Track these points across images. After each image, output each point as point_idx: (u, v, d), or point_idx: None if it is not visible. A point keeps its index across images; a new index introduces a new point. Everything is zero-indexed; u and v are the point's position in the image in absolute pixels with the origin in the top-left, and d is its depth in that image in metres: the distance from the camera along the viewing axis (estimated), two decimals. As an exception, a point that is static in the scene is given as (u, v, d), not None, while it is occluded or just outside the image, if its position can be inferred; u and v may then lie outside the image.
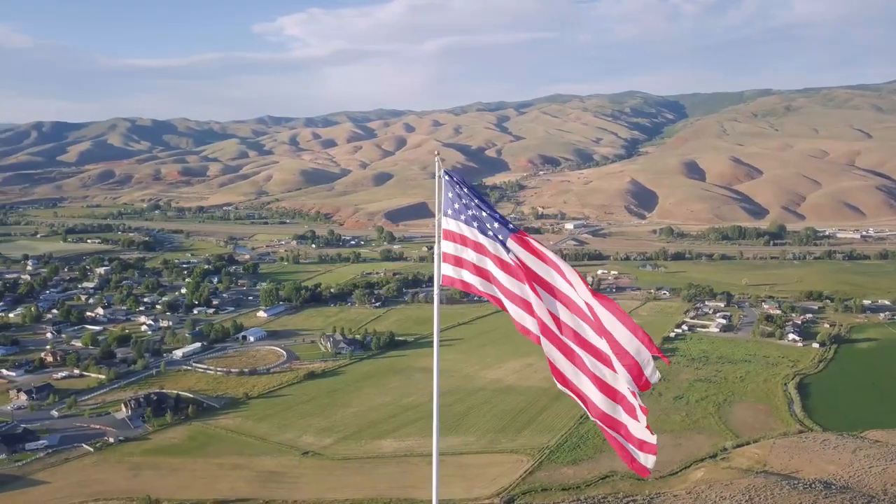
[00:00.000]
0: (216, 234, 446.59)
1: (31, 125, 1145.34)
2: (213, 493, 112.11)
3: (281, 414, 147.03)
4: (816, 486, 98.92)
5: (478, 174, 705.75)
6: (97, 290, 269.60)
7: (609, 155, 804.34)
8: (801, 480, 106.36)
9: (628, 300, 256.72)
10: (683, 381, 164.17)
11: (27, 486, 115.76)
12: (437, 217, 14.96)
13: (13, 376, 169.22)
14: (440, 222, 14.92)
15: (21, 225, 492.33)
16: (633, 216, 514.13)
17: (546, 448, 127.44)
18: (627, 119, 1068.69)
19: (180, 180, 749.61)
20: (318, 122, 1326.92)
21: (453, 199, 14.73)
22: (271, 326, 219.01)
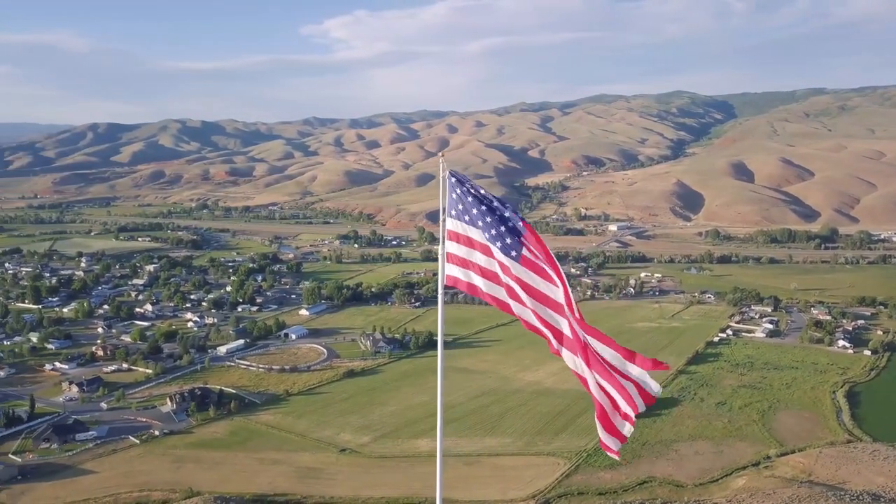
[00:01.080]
0: (261, 233, 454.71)
1: (87, 126, 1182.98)
2: (252, 487, 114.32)
3: (320, 411, 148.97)
4: (864, 499, 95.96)
5: (520, 175, 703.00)
6: (146, 287, 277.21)
7: (654, 156, 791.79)
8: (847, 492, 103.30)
9: (671, 303, 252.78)
10: (727, 387, 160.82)
11: (76, 476, 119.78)
12: (441, 218, 15.11)
13: (66, 369, 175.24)
14: (444, 223, 15.07)
15: (76, 223, 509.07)
16: (679, 218, 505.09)
17: (583, 451, 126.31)
18: (674, 119, 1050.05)
19: (228, 180, 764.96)
20: (362, 123, 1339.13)
21: (457, 200, 14.85)
22: (313, 324, 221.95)
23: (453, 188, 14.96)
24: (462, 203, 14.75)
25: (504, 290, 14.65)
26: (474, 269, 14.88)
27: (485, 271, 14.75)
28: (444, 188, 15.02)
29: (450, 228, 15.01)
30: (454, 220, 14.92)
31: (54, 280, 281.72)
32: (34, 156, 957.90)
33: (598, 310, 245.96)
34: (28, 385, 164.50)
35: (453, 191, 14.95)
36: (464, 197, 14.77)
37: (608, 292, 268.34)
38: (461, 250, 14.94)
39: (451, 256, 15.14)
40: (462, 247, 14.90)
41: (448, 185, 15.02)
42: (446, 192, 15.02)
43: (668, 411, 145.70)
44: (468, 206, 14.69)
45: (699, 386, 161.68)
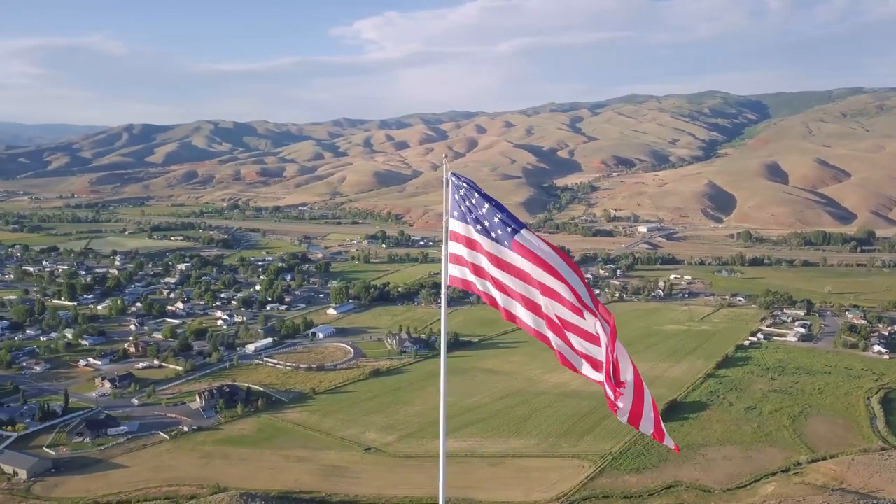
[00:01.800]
0: (291, 233, 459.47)
1: (122, 127, 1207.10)
2: (278, 484, 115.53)
3: (346, 410, 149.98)
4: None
5: (549, 175, 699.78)
6: (178, 286, 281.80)
7: (686, 156, 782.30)
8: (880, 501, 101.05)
9: (701, 306, 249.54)
10: (757, 392, 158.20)
11: (108, 470, 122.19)
12: (444, 218, 15.18)
13: (99, 365, 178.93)
14: (447, 224, 15.14)
15: (111, 222, 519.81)
16: (710, 220, 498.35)
17: (609, 455, 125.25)
18: (706, 120, 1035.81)
19: (258, 181, 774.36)
20: (391, 123, 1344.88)
21: (460, 201, 14.89)
22: (340, 324, 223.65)
23: (456, 189, 15.02)
24: (464, 204, 14.80)
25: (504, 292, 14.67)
26: (476, 269, 14.92)
27: (485, 272, 14.79)
28: (447, 189, 15.09)
29: (452, 229, 15.06)
30: (457, 220, 14.96)
31: (89, 278, 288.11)
32: (72, 156, 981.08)
33: (627, 312, 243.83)
34: (63, 380, 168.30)
35: (456, 192, 15.01)
36: (466, 198, 14.82)
37: (637, 294, 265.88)
38: (463, 251, 14.99)
39: (453, 257, 15.20)
40: (464, 248, 14.94)
41: (451, 186, 15.08)
42: (449, 193, 15.08)
43: (696, 415, 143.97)
44: (470, 207, 14.73)
45: (728, 390, 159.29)
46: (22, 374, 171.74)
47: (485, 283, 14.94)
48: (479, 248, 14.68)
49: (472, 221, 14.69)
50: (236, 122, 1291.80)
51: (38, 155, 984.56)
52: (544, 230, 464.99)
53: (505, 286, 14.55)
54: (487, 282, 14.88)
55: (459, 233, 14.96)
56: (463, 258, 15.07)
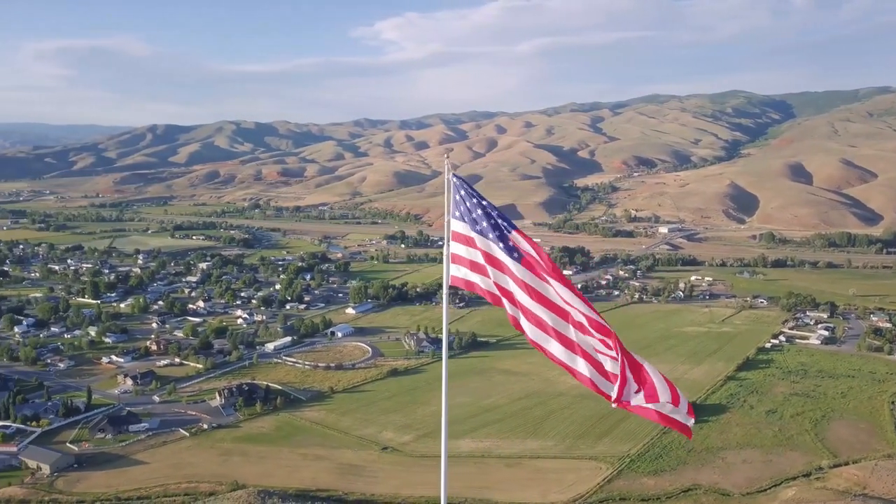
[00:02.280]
0: (311, 232, 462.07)
1: (146, 128, 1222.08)
2: (295, 482, 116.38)
3: (363, 409, 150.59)
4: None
5: (569, 175, 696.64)
6: (199, 284, 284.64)
7: (708, 157, 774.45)
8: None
9: (721, 307, 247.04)
10: (778, 395, 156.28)
11: (129, 466, 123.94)
12: (446, 219, 15.26)
13: (121, 362, 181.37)
14: (449, 224, 15.22)
15: (135, 221, 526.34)
16: (732, 220, 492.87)
17: (626, 457, 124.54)
18: (729, 119, 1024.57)
19: (279, 180, 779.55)
20: (411, 124, 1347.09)
21: (460, 202, 14.99)
22: (359, 323, 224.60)
23: (457, 190, 15.10)
24: (465, 205, 14.88)
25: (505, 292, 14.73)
26: (477, 269, 15.00)
27: (486, 272, 14.85)
28: (448, 190, 15.17)
29: (454, 230, 15.16)
30: (458, 221, 15.06)
31: (113, 276, 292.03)
32: (97, 156, 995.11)
33: (646, 313, 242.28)
34: (86, 377, 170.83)
35: (457, 192, 15.09)
36: (467, 199, 14.90)
37: (657, 295, 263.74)
38: (465, 251, 15.08)
39: (455, 257, 15.28)
40: (465, 248, 15.03)
41: (452, 186, 15.16)
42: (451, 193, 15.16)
43: (716, 418, 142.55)
44: (471, 207, 14.81)
45: (749, 393, 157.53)
46: (46, 371, 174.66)
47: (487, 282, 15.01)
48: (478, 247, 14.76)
49: (471, 222, 14.77)
50: (258, 123, 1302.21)
51: (64, 155, 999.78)
52: (564, 230, 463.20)
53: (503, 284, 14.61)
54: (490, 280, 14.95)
55: (460, 233, 15.06)
56: (464, 258, 15.16)
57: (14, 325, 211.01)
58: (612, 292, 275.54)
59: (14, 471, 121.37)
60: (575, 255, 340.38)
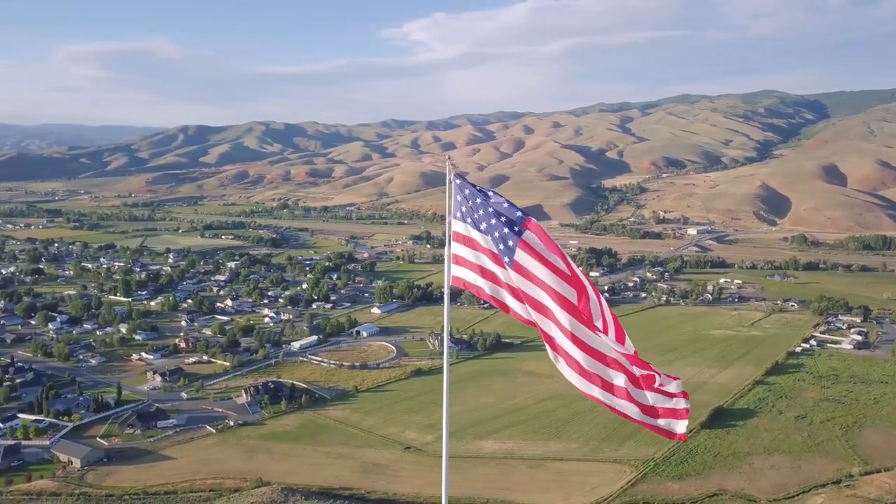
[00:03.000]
0: (338, 232, 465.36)
1: (178, 129, 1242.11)
2: (319, 479, 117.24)
3: (387, 408, 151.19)
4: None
5: (597, 176, 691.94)
6: (227, 283, 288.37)
7: (739, 157, 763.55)
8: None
9: (751, 311, 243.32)
10: (808, 400, 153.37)
11: (157, 461, 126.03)
12: (447, 219, 15.34)
13: (151, 359, 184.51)
14: (450, 225, 15.29)
15: (166, 221, 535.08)
16: (763, 222, 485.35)
17: (651, 460, 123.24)
18: (761, 120, 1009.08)
19: (307, 181, 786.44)
20: (438, 125, 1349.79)
21: (461, 202, 15.05)
22: (383, 323, 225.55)
23: (459, 190, 15.17)
24: (466, 205, 14.95)
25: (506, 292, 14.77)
26: (477, 270, 15.05)
27: (487, 273, 14.90)
28: (450, 190, 15.24)
29: (455, 230, 15.22)
30: (459, 221, 15.12)
31: (144, 275, 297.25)
32: (130, 157, 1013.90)
33: (673, 315, 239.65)
34: (116, 373, 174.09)
35: (459, 193, 15.16)
36: (469, 199, 14.96)
37: (684, 298, 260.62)
38: (466, 252, 15.14)
39: (456, 258, 15.35)
40: (466, 248, 15.09)
41: (454, 187, 15.23)
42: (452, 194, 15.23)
43: (744, 423, 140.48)
44: (472, 208, 14.87)
45: (777, 398, 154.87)
46: (79, 367, 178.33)
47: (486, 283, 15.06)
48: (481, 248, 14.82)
49: (473, 223, 14.84)
50: (287, 124, 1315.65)
51: (98, 155, 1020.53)
52: (591, 231, 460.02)
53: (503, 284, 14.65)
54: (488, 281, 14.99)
55: (461, 233, 15.13)
56: (464, 259, 15.22)
57: (48, 322, 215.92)
58: (639, 294, 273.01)
59: (46, 464, 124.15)
60: (602, 257, 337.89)
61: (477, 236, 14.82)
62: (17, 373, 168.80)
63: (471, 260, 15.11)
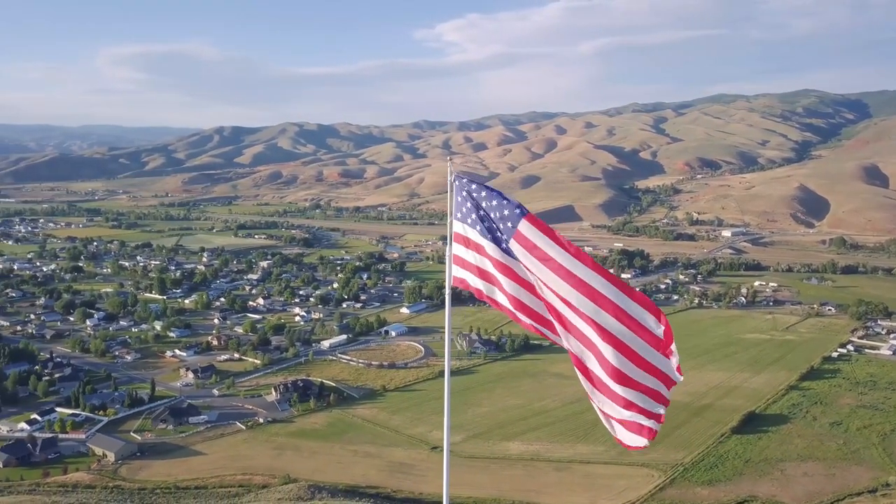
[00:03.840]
0: (369, 233, 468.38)
1: (213, 130, 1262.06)
2: (345, 477, 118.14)
3: (414, 408, 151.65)
4: None
5: (630, 177, 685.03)
6: (259, 282, 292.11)
7: (776, 158, 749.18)
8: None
9: (786, 314, 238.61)
10: (844, 406, 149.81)
11: (188, 456, 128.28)
12: (448, 220, 15.45)
13: (184, 356, 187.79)
14: (451, 225, 15.39)
15: (201, 220, 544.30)
16: (800, 224, 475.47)
17: (680, 465, 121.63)
18: (799, 120, 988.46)
19: (340, 181, 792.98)
20: (470, 125, 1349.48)
21: (462, 203, 15.13)
22: (412, 323, 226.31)
23: (459, 190, 15.26)
24: (467, 205, 15.03)
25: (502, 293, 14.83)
26: (476, 271, 15.13)
27: (484, 273, 14.97)
28: (451, 191, 15.34)
29: (456, 231, 15.32)
30: (459, 222, 15.21)
31: (178, 273, 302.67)
32: (167, 157, 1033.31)
33: (706, 318, 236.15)
34: (150, 369, 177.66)
35: (459, 193, 15.25)
36: (469, 199, 15.03)
37: (717, 301, 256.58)
38: (465, 252, 15.22)
39: (457, 258, 15.45)
40: (466, 249, 15.18)
41: (455, 187, 15.33)
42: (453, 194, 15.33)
43: (776, 428, 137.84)
44: (472, 208, 14.94)
45: (812, 403, 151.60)
46: (114, 363, 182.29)
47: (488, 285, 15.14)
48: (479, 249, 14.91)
49: (472, 223, 14.93)
50: (320, 125, 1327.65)
51: (136, 156, 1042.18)
52: (623, 233, 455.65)
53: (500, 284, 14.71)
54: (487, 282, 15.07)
55: (461, 234, 15.23)
56: (464, 259, 15.32)
57: (86, 319, 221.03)
58: (670, 297, 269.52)
59: (82, 457, 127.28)
60: (634, 259, 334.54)
61: (475, 237, 14.90)
62: (56, 368, 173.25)
63: (469, 261, 15.20)
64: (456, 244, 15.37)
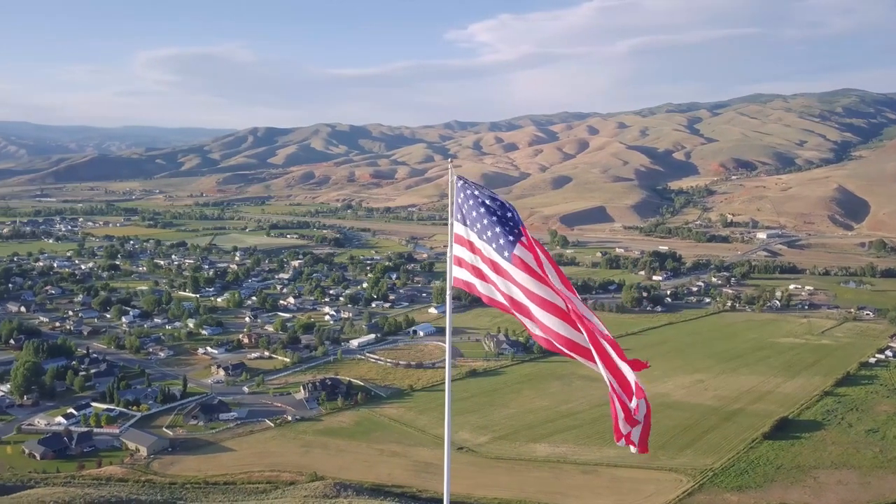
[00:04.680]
0: (399, 233, 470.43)
1: (248, 131, 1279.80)
2: (371, 476, 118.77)
3: (441, 408, 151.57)
4: None
5: (663, 178, 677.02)
6: (290, 281, 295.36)
7: (814, 159, 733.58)
8: None
9: (822, 318, 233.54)
10: (881, 413, 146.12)
11: (218, 452, 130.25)
12: (449, 221, 15.57)
13: (215, 354, 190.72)
14: (452, 226, 15.51)
15: (234, 220, 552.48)
16: (838, 227, 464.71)
17: (709, 470, 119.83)
18: (838, 120, 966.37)
19: (371, 182, 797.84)
20: (501, 126, 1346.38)
21: (462, 204, 15.24)
22: (440, 323, 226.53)
23: (460, 192, 15.37)
24: (467, 206, 15.13)
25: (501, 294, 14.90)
26: (475, 272, 15.23)
27: (483, 275, 15.06)
28: (452, 192, 15.46)
29: (456, 232, 15.43)
30: (459, 223, 15.33)
31: (211, 272, 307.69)
32: (202, 158, 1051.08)
33: (738, 322, 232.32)
34: (183, 366, 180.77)
35: (460, 194, 15.36)
36: (468, 201, 15.14)
37: (750, 304, 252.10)
38: (465, 254, 15.33)
39: (457, 259, 15.57)
40: (466, 250, 15.29)
41: (455, 189, 15.44)
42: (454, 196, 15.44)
43: (810, 435, 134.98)
44: (471, 209, 15.04)
45: (848, 410, 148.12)
46: (148, 360, 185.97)
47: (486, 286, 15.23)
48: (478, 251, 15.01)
49: (471, 225, 15.03)
50: (352, 126, 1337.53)
51: (172, 156, 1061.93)
52: (655, 234, 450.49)
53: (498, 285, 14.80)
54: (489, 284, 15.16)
55: (461, 235, 15.34)
56: (464, 260, 15.42)
57: (122, 316, 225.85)
58: (702, 299, 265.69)
59: (115, 451, 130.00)
60: (665, 261, 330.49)
61: (474, 237, 15.01)
62: (92, 363, 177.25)
63: (468, 262, 15.31)
64: (456, 245, 15.50)
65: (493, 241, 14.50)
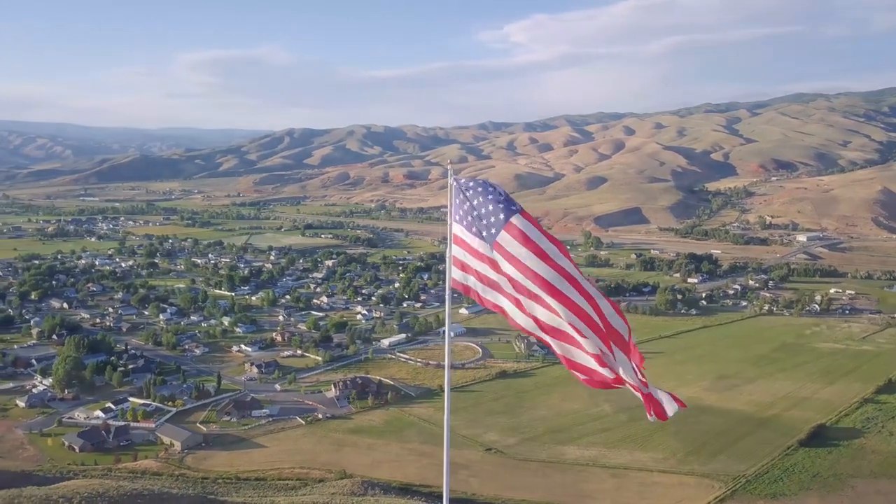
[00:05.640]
0: (432, 233, 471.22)
1: (284, 132, 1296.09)
2: (400, 475, 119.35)
3: (470, 409, 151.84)
4: None
5: (701, 179, 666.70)
6: (324, 281, 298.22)
7: (858, 160, 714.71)
8: None
9: (863, 324, 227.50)
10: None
11: (250, 448, 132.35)
12: (448, 222, 15.69)
13: (249, 352, 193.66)
14: (451, 227, 15.62)
15: (270, 220, 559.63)
16: (883, 230, 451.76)
17: (742, 477, 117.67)
18: (885, 119, 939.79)
19: (405, 183, 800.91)
20: (536, 126, 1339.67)
21: (459, 205, 15.34)
22: (471, 323, 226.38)
23: (459, 192, 15.47)
24: (464, 207, 15.23)
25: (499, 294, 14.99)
26: (473, 273, 15.33)
27: (481, 276, 15.16)
28: (451, 193, 15.57)
29: (454, 233, 15.53)
30: (458, 224, 15.43)
31: (247, 271, 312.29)
32: (240, 158, 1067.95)
33: (776, 326, 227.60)
34: (217, 363, 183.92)
35: (458, 195, 15.46)
36: (467, 201, 15.23)
37: (788, 308, 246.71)
38: (463, 254, 15.43)
39: (456, 260, 15.68)
40: (463, 251, 15.40)
41: (454, 190, 15.55)
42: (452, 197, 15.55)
43: (848, 443, 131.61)
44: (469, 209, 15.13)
45: (889, 418, 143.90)
46: (184, 356, 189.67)
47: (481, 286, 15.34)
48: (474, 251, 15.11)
49: (468, 225, 15.14)
50: (387, 127, 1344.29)
51: (211, 157, 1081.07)
52: (692, 236, 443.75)
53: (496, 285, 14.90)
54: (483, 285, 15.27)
55: (459, 236, 15.46)
56: (462, 261, 15.54)
57: (159, 313, 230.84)
58: (739, 302, 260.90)
59: (151, 445, 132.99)
60: (702, 263, 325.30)
61: (470, 238, 15.11)
62: (130, 359, 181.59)
63: (466, 262, 15.42)
64: (455, 245, 15.62)
65: (489, 228, 14.54)
